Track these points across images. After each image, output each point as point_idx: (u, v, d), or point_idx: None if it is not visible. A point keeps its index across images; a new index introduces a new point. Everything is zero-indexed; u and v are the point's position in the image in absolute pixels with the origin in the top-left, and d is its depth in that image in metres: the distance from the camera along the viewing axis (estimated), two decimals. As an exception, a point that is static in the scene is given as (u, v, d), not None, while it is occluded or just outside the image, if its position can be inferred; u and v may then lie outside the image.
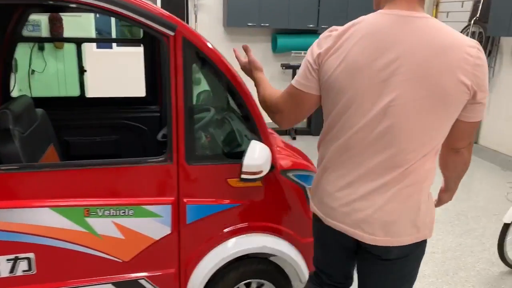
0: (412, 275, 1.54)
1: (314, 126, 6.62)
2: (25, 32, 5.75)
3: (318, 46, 1.40)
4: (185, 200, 1.99)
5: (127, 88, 3.87)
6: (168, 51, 1.82)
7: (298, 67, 6.46)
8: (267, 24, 6.02)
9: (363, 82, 1.30)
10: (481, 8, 5.54)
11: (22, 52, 5.77)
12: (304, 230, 2.22)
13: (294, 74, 6.50)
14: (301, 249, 2.22)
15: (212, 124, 2.12)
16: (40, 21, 5.79)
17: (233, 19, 5.98)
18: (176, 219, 2.00)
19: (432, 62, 1.25)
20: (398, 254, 1.42)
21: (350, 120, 1.35)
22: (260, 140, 1.97)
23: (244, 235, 2.11)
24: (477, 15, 5.59)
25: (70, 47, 5.99)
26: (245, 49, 1.80)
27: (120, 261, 1.99)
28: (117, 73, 6.18)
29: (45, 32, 5.83)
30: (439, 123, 1.32)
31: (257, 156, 1.86)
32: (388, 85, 1.28)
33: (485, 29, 5.35)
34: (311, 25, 6.19)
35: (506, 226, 2.86)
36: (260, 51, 6.48)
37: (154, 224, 1.98)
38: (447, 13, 6.36)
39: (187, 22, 6.15)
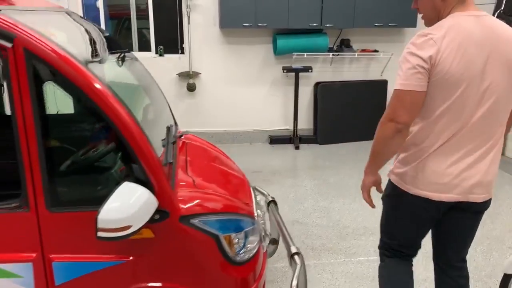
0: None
1: (320, 134, 6.06)
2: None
3: (421, 49, 1.57)
4: (51, 256, 1.57)
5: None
6: (6, 68, 1.39)
7: (300, 70, 5.96)
8: (265, 24, 5.51)
9: (471, 74, 1.58)
10: (506, 0, 4.83)
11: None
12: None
13: (297, 77, 5.95)
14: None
15: (83, 158, 1.66)
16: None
17: (228, 20, 5.50)
18: (42, 280, 1.58)
19: (508, 50, 1.60)
20: (486, 206, 1.83)
21: (462, 108, 1.62)
22: (144, 176, 1.51)
23: (134, 300, 1.66)
24: (502, 8, 4.88)
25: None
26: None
27: (-27, 331, 1.59)
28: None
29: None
30: None
31: (124, 206, 1.40)
32: (485, 73, 1.59)
33: (510, 23, 4.63)
34: (314, 24, 5.63)
35: (506, 277, 2.24)
36: (261, 54, 5.96)
37: (12, 287, 1.56)
38: (470, 7, 5.66)
39: (180, 24, 5.76)
